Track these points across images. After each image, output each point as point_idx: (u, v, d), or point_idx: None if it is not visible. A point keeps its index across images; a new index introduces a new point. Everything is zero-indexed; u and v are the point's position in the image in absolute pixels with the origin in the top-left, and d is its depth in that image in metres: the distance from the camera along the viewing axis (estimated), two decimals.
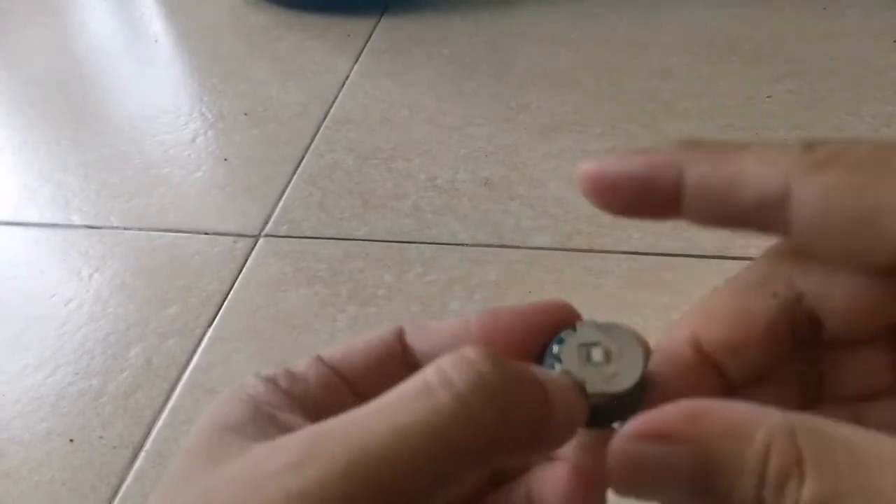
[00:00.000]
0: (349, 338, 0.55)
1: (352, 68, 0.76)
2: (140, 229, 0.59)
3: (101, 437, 0.44)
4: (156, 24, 0.91)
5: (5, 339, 0.50)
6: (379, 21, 0.84)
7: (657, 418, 0.13)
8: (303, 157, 0.65)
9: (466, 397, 0.13)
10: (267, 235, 0.57)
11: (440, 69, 0.75)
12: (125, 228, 0.59)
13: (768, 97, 0.67)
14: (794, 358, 0.16)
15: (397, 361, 0.16)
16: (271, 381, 0.15)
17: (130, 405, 0.45)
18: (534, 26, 0.81)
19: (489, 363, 0.13)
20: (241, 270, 0.54)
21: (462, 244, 0.55)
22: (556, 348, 0.16)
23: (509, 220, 0.56)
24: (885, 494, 0.11)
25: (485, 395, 0.13)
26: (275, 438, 0.13)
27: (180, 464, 0.14)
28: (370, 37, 0.82)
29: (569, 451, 0.17)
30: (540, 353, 0.16)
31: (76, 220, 0.60)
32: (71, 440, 0.44)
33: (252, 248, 0.56)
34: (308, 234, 0.57)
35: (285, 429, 0.14)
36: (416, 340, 0.17)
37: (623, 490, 0.14)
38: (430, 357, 0.14)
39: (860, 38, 0.73)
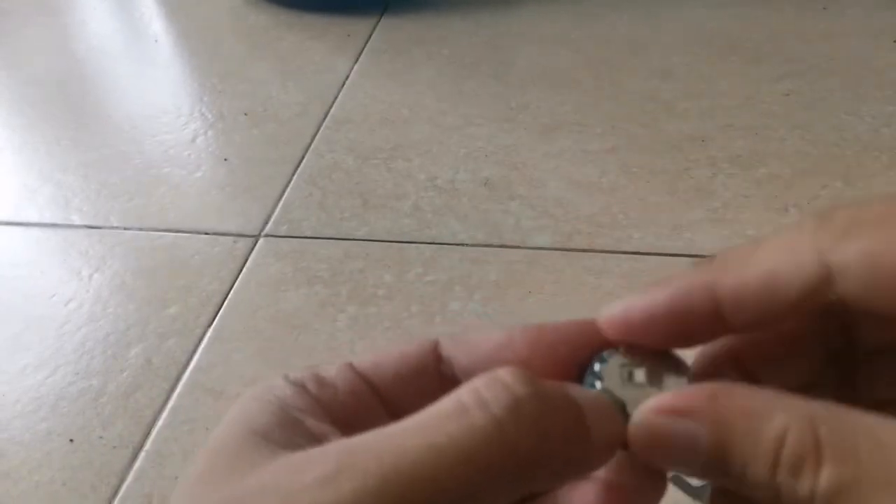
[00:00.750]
0: (349, 338, 0.55)
1: (352, 68, 0.76)
2: (140, 229, 0.59)
3: (101, 437, 0.44)
4: (156, 24, 0.91)
5: (5, 339, 0.50)
6: (379, 21, 0.84)
7: (679, 395, 0.14)
8: (303, 157, 0.65)
9: (502, 420, 0.13)
10: (267, 235, 0.57)
11: (440, 69, 0.75)
12: (125, 228, 0.59)
13: (768, 97, 0.67)
14: (826, 366, 0.16)
15: (430, 374, 0.16)
16: (300, 385, 0.15)
17: (130, 405, 0.45)
18: (534, 26, 0.81)
19: (525, 386, 0.13)
20: (241, 270, 0.54)
21: (462, 244, 0.55)
22: (597, 366, 0.16)
23: (509, 220, 0.56)
24: None
25: (520, 418, 0.13)
26: (304, 447, 0.13)
27: (205, 463, 0.13)
28: (370, 37, 0.82)
29: (602, 470, 0.16)
30: (581, 370, 0.16)
31: (76, 220, 0.60)
32: (71, 440, 0.44)
33: (252, 248, 0.56)
34: (308, 234, 0.57)
35: (313, 436, 0.14)
36: (456, 353, 0.16)
37: (645, 460, 0.14)
38: (470, 371, 0.14)
39: (860, 38, 0.73)
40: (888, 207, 0.13)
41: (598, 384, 0.16)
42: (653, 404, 0.14)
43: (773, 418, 0.13)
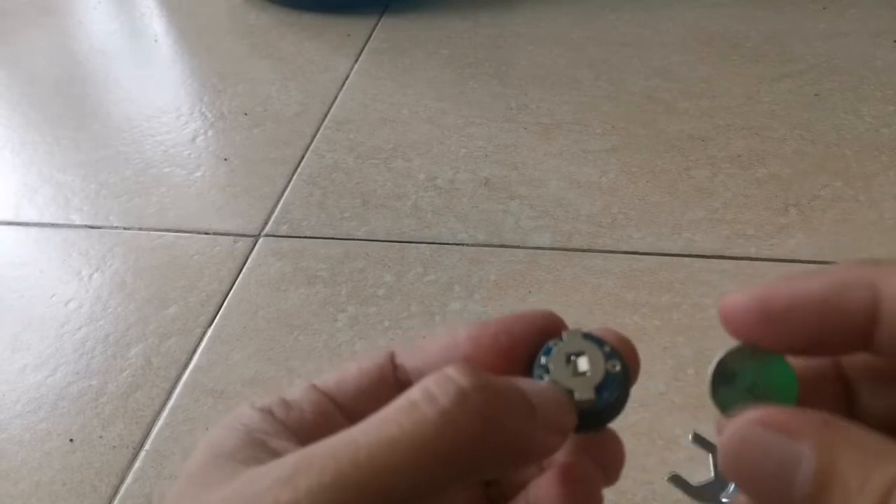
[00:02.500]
0: (349, 338, 0.55)
1: (352, 68, 0.76)
2: (140, 229, 0.59)
3: (101, 437, 0.44)
4: (156, 24, 0.91)
5: (5, 339, 0.50)
6: (379, 21, 0.84)
7: (787, 412, 0.13)
8: (303, 157, 0.65)
9: (450, 411, 0.13)
10: (267, 235, 0.57)
11: (440, 69, 0.75)
12: (125, 228, 0.59)
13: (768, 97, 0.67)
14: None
15: (389, 384, 0.17)
16: (265, 411, 0.16)
17: (130, 405, 0.45)
18: (534, 26, 0.81)
19: (470, 379, 0.14)
20: (241, 270, 0.54)
21: (462, 244, 0.55)
22: (543, 359, 0.17)
23: (509, 220, 0.56)
24: None
25: (467, 408, 0.13)
26: (266, 463, 0.14)
27: (179, 487, 0.14)
28: (370, 37, 0.82)
29: (562, 456, 0.17)
30: (529, 364, 0.17)
31: (76, 219, 0.60)
32: (71, 440, 0.44)
33: (252, 248, 0.56)
34: (308, 233, 0.57)
35: (276, 454, 0.14)
36: (409, 360, 0.17)
37: (732, 472, 0.13)
38: (422, 375, 0.15)
39: (860, 38, 0.73)
40: None
41: (546, 376, 0.16)
42: (758, 416, 0.13)
43: (890, 459, 0.11)
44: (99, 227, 0.59)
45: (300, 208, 0.59)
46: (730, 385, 0.15)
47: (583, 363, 0.16)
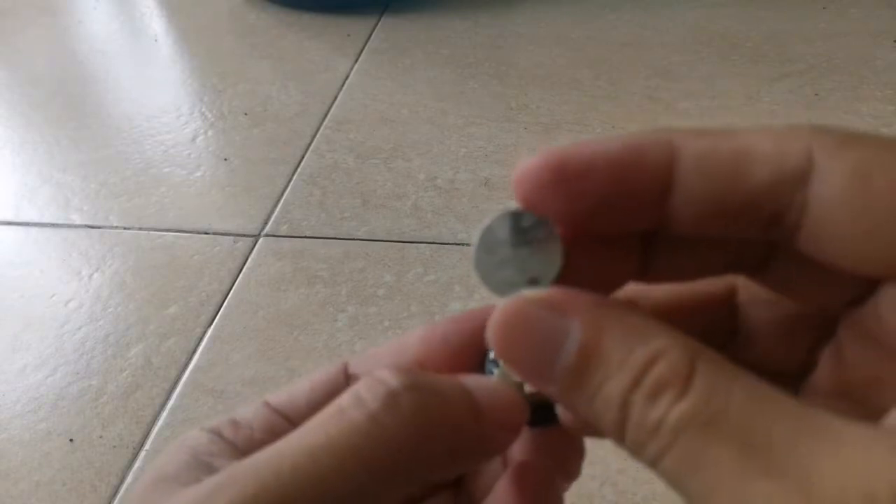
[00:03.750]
0: (349, 338, 0.55)
1: (352, 68, 0.76)
2: (140, 229, 0.59)
3: (101, 437, 0.44)
4: (156, 24, 0.91)
5: (5, 339, 0.50)
6: (379, 21, 0.84)
7: (560, 292, 0.13)
8: (303, 157, 0.65)
9: (377, 414, 0.13)
10: (267, 235, 0.57)
11: (440, 69, 0.75)
12: (125, 228, 0.59)
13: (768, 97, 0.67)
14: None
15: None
16: (214, 432, 0.16)
17: (130, 405, 0.45)
18: (534, 26, 0.81)
19: (400, 379, 0.13)
20: (240, 270, 0.54)
21: (462, 244, 0.55)
22: (492, 353, 0.16)
23: None
24: (765, 446, 0.10)
25: (396, 410, 0.13)
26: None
27: None
28: (370, 36, 0.82)
29: (519, 455, 0.16)
30: (482, 362, 0.16)
31: (76, 219, 0.60)
32: (71, 440, 0.43)
33: (252, 248, 0.56)
34: (308, 233, 0.57)
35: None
36: (359, 368, 0.17)
37: (498, 346, 0.13)
38: None
39: (860, 38, 0.73)
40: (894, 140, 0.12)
41: (496, 370, 0.16)
42: (529, 294, 0.13)
43: (653, 339, 0.12)
44: (99, 227, 0.59)
45: (300, 208, 0.59)
46: (492, 254, 0.14)
47: None
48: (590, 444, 0.17)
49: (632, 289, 0.15)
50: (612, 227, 0.13)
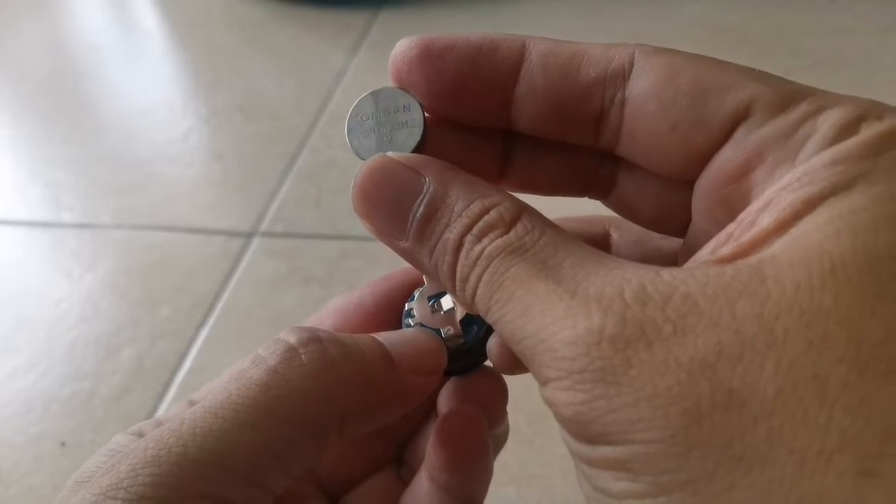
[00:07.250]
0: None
1: (349, 62, 0.75)
2: (132, 227, 0.58)
3: (92, 441, 0.43)
4: (148, 18, 0.90)
5: None
6: (377, 14, 0.83)
7: (418, 157, 0.15)
8: (298, 154, 0.64)
9: (277, 368, 0.13)
10: (262, 234, 0.56)
11: None
12: (117, 227, 0.58)
13: None
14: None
15: None
16: (135, 433, 0.16)
17: (122, 408, 0.44)
18: (535, 18, 0.79)
19: (298, 335, 0.14)
20: (234, 270, 0.53)
21: None
22: (407, 305, 0.17)
23: None
24: (556, 266, 0.12)
25: (297, 363, 0.14)
26: None
27: None
28: (368, 30, 0.80)
29: (444, 406, 0.17)
30: (398, 318, 0.18)
31: (67, 218, 0.59)
32: (62, 443, 0.43)
33: (246, 247, 0.55)
34: (304, 232, 0.56)
35: None
36: None
37: (360, 199, 0.14)
38: None
39: (868, 33, 0.72)
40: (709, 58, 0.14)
41: (412, 321, 0.17)
42: (390, 154, 0.15)
43: (492, 195, 0.14)
44: (90, 226, 0.58)
45: (295, 206, 0.58)
46: (362, 126, 0.16)
47: (446, 302, 0.16)
48: None
49: None
50: (469, 114, 0.15)
